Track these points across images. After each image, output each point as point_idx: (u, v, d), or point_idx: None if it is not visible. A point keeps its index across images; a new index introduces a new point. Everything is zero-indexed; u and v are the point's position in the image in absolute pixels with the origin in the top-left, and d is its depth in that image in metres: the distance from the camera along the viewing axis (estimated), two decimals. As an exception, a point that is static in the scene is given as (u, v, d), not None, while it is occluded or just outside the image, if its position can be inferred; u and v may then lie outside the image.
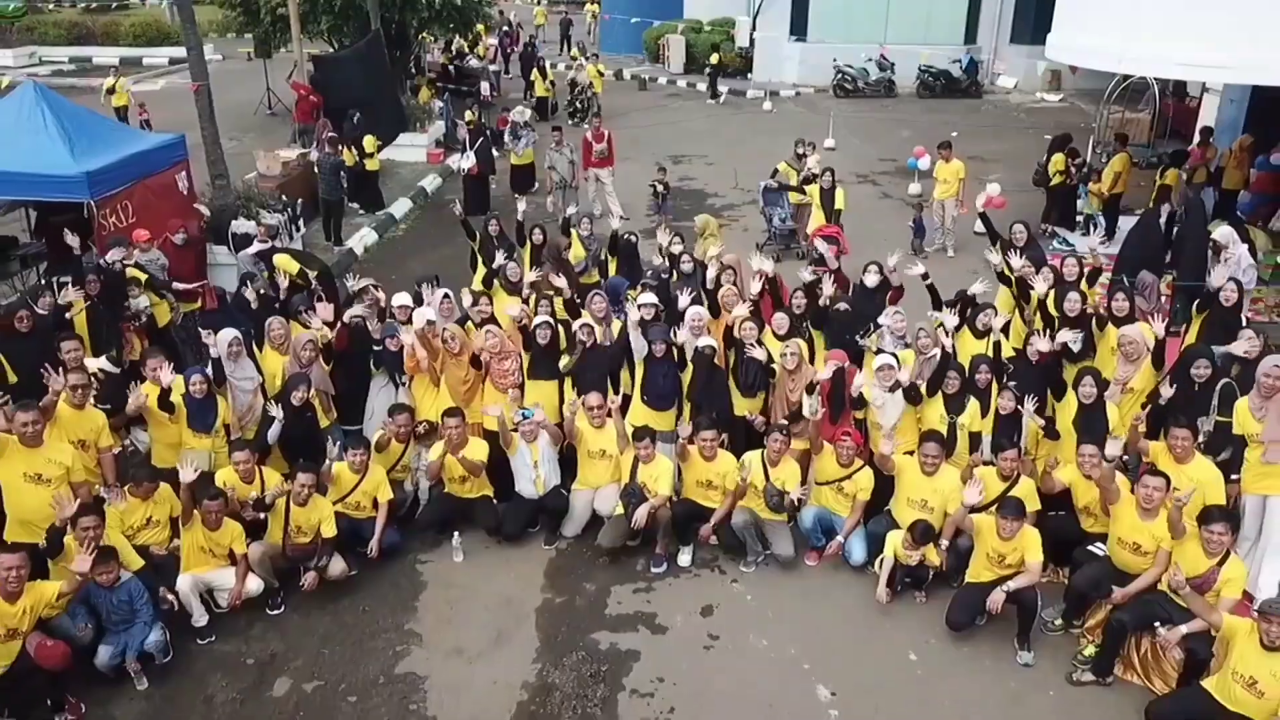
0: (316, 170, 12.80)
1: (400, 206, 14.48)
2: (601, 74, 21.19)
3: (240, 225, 10.23)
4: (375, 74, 16.28)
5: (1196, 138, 13.82)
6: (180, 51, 28.93)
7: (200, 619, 5.75)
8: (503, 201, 13.02)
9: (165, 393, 6.22)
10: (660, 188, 13.31)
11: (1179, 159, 12.79)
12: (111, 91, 18.54)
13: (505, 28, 27.47)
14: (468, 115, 16.76)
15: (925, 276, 7.42)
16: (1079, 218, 12.84)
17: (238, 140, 16.91)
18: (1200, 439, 5.70)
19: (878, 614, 5.98)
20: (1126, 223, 11.60)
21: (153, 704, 5.30)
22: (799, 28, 24.76)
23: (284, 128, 18.47)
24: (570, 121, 17.10)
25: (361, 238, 12.92)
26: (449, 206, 10.33)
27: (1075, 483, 5.87)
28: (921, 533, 5.78)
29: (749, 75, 25.32)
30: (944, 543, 5.99)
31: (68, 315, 7.16)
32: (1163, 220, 10.41)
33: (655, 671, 5.52)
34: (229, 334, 6.52)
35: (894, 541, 5.98)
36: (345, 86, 15.54)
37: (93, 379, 6.22)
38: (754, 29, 25.02)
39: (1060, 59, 13.91)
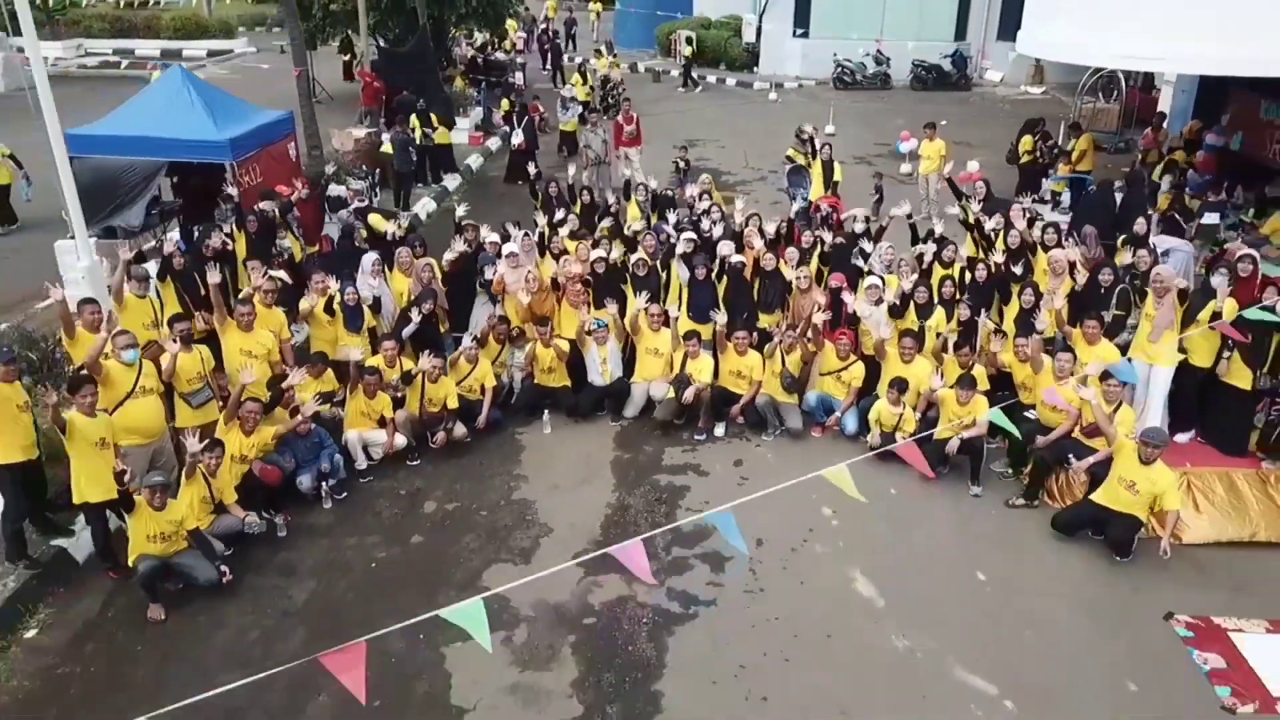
0: (389, 146, 14.76)
1: (452, 181, 16.45)
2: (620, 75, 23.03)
3: (334, 189, 12.18)
4: (426, 64, 18.28)
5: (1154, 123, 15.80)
6: (217, 44, 31.12)
7: (361, 464, 7.74)
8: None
9: (329, 300, 8.19)
10: (682, 164, 15.22)
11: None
12: None
13: (543, 24, 29.33)
14: (504, 103, 18.73)
15: (909, 216, 9.43)
16: (1046, 194, 14.73)
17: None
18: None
19: (867, 465, 7.86)
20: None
21: (337, 516, 7.28)
22: (802, 24, 26.59)
23: (329, 115, 20.25)
24: (605, 118, 18.71)
25: (423, 206, 14.88)
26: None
27: (1013, 364, 7.86)
28: (897, 384, 7.78)
29: (755, 69, 27.26)
30: (916, 414, 7.98)
31: (229, 248, 9.10)
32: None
33: (703, 497, 7.51)
34: (372, 255, 8.52)
35: (878, 409, 7.96)
36: (401, 74, 17.65)
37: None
38: (760, 25, 26.96)
39: (1030, 53, 15.73)
